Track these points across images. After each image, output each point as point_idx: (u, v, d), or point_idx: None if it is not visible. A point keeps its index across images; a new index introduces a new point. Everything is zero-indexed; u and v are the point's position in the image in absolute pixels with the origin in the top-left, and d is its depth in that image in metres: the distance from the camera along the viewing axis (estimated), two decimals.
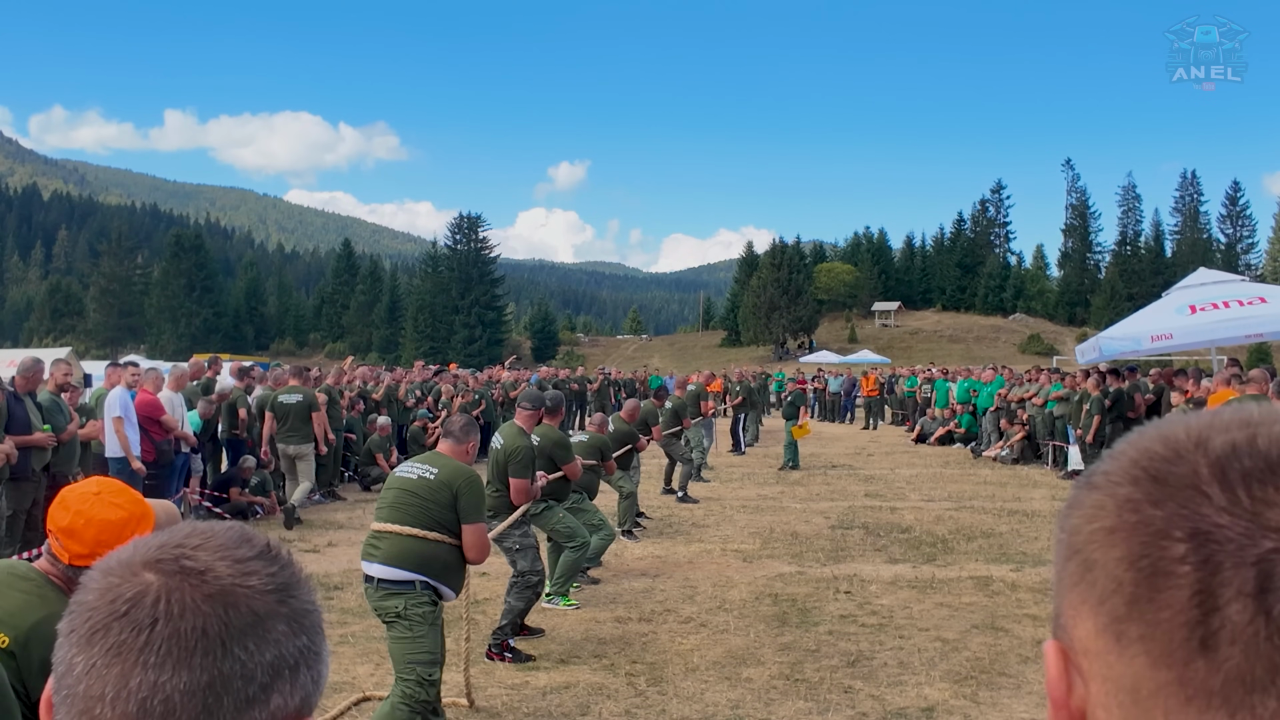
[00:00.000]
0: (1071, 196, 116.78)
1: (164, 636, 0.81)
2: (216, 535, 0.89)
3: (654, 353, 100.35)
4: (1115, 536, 0.62)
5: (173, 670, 0.81)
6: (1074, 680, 0.65)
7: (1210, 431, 0.62)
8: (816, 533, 12.55)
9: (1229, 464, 0.60)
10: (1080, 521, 0.65)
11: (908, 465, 21.15)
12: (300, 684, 0.87)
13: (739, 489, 16.94)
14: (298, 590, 0.89)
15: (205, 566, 0.85)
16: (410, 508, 5.54)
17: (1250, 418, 0.63)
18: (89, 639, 0.83)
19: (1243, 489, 0.59)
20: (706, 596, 9.25)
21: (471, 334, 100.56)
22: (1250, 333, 14.67)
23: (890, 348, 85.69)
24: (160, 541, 0.88)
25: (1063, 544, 0.67)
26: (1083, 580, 0.64)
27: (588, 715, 6.22)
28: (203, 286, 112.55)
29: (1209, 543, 0.58)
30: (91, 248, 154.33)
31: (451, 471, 5.69)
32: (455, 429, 6.02)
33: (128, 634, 0.81)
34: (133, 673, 0.80)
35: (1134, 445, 0.66)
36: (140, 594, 0.83)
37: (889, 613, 8.63)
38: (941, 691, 6.59)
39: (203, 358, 16.05)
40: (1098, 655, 0.63)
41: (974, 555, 11.15)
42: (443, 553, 5.51)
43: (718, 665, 7.19)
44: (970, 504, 15.15)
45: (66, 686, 0.83)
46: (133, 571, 0.85)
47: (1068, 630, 0.66)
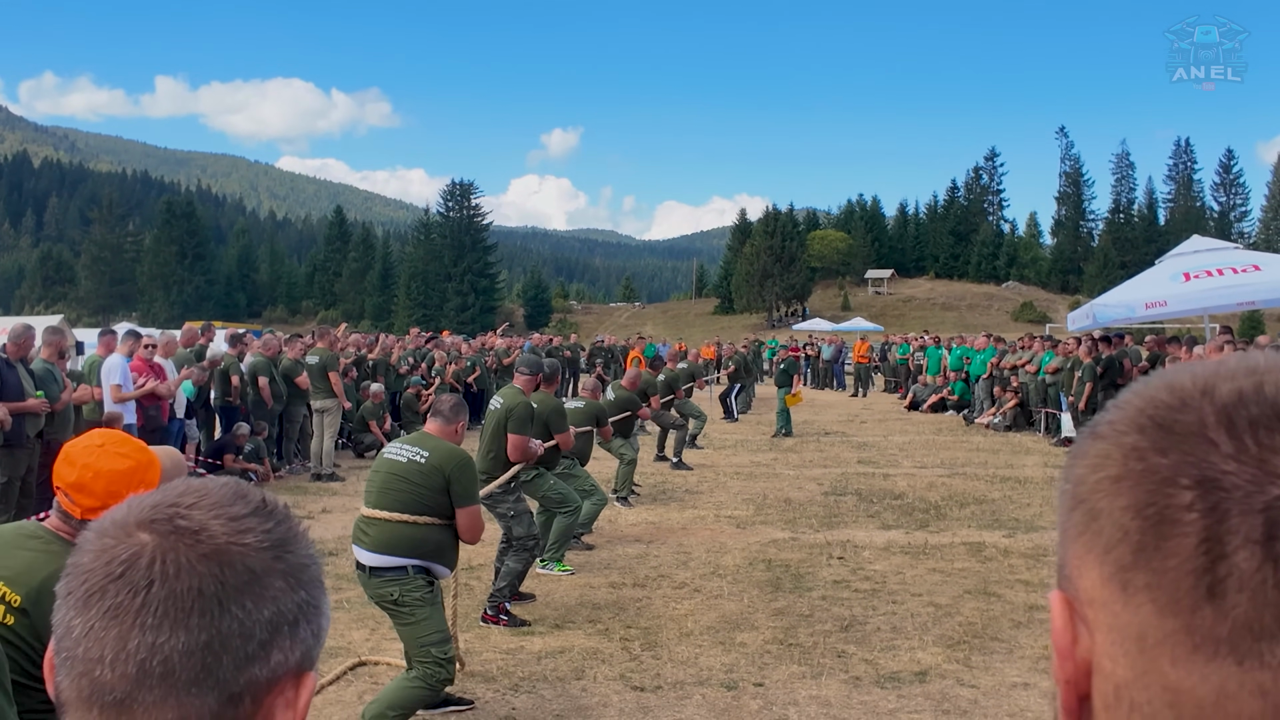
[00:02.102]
0: (1065, 164, 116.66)
1: (160, 598, 0.81)
2: (211, 493, 0.88)
3: (647, 320, 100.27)
4: (1121, 485, 0.61)
5: (170, 631, 0.80)
6: (1079, 631, 0.64)
7: (1217, 379, 0.62)
8: (810, 499, 12.59)
9: (1236, 411, 0.59)
10: (1085, 471, 0.65)
11: (900, 432, 21.20)
12: (300, 639, 0.87)
13: (732, 456, 16.98)
14: (294, 545, 0.89)
15: (200, 525, 0.84)
16: (399, 492, 5.43)
17: (1257, 365, 0.62)
18: (86, 601, 0.82)
19: (1250, 436, 0.58)
20: (700, 562, 9.29)
21: (464, 301, 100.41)
22: (1243, 300, 14.70)
23: (883, 315, 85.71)
24: (154, 501, 0.87)
25: (1067, 494, 0.67)
26: (1088, 530, 0.64)
27: (582, 679, 6.25)
28: (194, 254, 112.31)
29: (1216, 490, 0.57)
30: (83, 215, 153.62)
31: (443, 455, 5.56)
32: (445, 409, 5.90)
33: (124, 596, 0.81)
34: (131, 635, 0.80)
35: (1139, 394, 0.65)
36: (135, 555, 0.83)
37: (882, 578, 8.67)
38: (934, 656, 6.63)
39: (195, 325, 15.97)
40: (1103, 605, 0.62)
41: (966, 521, 11.20)
42: (434, 534, 5.42)
43: (712, 630, 7.23)
44: (963, 470, 15.21)
45: (66, 649, 0.83)
46: (127, 532, 0.84)
47: (1073, 581, 0.65)
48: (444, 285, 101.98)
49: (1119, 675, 0.61)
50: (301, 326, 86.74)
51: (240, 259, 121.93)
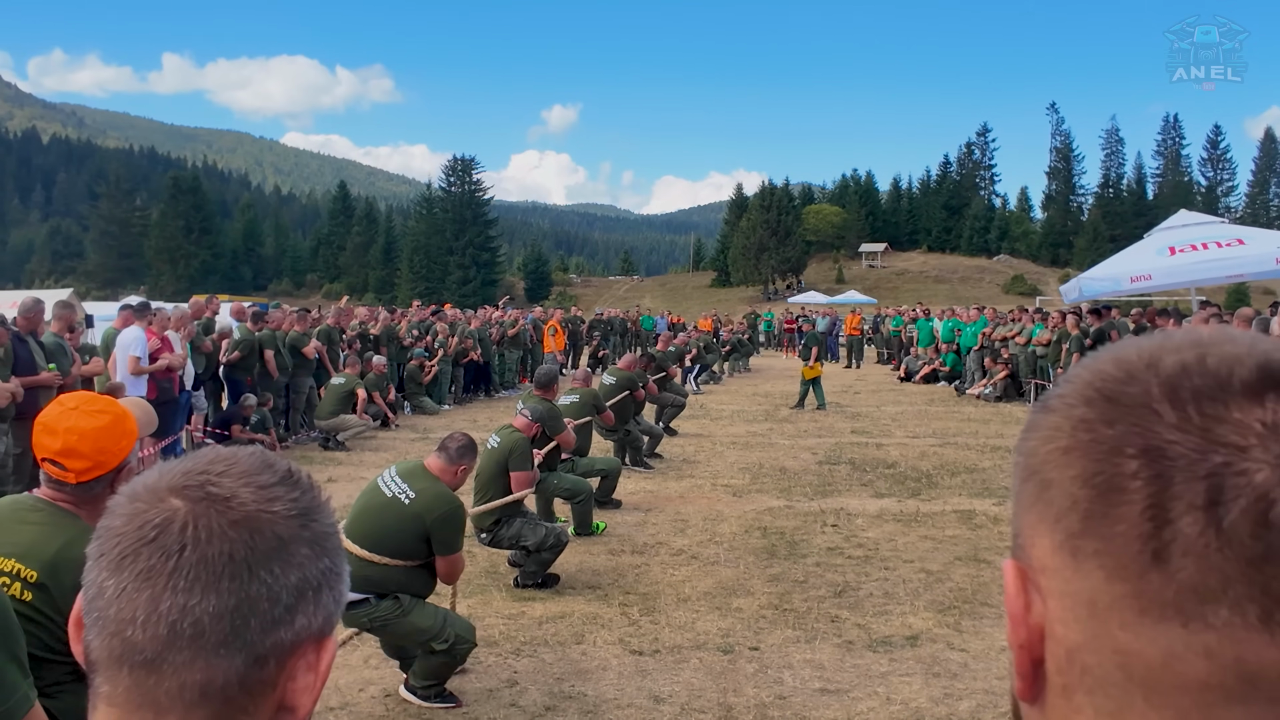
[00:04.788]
0: (1056, 140, 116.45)
1: (192, 562, 0.82)
2: (240, 461, 0.89)
3: (645, 293, 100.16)
4: (1071, 456, 0.62)
5: (201, 594, 0.82)
6: (1032, 597, 0.65)
7: (1162, 352, 0.63)
8: (804, 468, 12.62)
9: (1180, 383, 0.60)
10: (1037, 443, 0.66)
11: (893, 403, 21.20)
12: (323, 604, 0.88)
13: (729, 426, 17.00)
14: (319, 514, 0.90)
15: (230, 493, 0.86)
16: (373, 530, 5.12)
17: (1200, 339, 0.63)
18: (119, 563, 0.83)
19: (1193, 407, 0.59)
20: (697, 530, 9.31)
21: (466, 275, 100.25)
22: (1229, 274, 14.70)
23: (877, 288, 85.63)
24: (185, 468, 0.88)
25: (1020, 466, 0.67)
26: (1040, 499, 0.64)
27: (582, 644, 6.28)
28: (200, 228, 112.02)
29: (1161, 459, 0.58)
30: (90, 190, 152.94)
31: (429, 501, 5.19)
32: (452, 448, 5.46)
33: (157, 559, 0.82)
34: (163, 596, 0.81)
35: (1088, 368, 0.66)
36: (168, 520, 0.84)
37: (874, 545, 8.70)
38: (925, 621, 6.67)
39: (201, 298, 15.96)
40: (1055, 572, 0.63)
41: (957, 490, 11.23)
42: (400, 575, 5.11)
43: (708, 596, 7.25)
44: (954, 440, 15.23)
45: (97, 609, 0.84)
46: (159, 498, 0.85)
47: (1025, 549, 0.66)
48: (446, 259, 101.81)
49: (1071, 639, 0.62)
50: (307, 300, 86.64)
51: (246, 233, 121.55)
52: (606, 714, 5.22)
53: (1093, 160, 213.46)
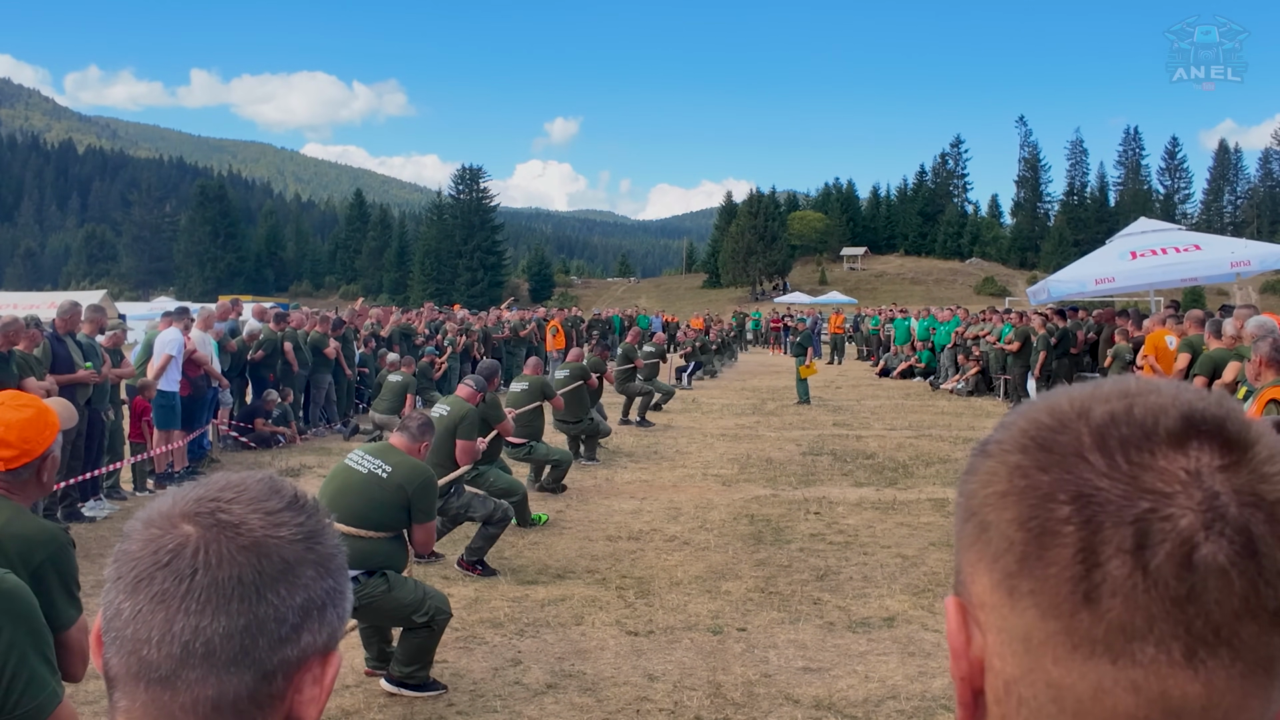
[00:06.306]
0: (1024, 150, 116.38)
1: (204, 585, 0.82)
2: (249, 488, 0.89)
3: (641, 294, 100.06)
4: (1007, 500, 0.62)
5: (212, 615, 0.82)
6: (973, 632, 0.65)
7: (1092, 402, 0.63)
8: (789, 459, 12.61)
9: (1108, 432, 0.60)
10: (976, 486, 0.66)
11: (872, 397, 21.20)
12: (327, 621, 0.88)
13: (719, 419, 17.00)
14: (323, 537, 0.90)
15: (239, 519, 0.86)
16: (354, 505, 5.05)
17: (1128, 389, 0.63)
18: (134, 586, 0.84)
19: (1121, 455, 0.59)
20: (689, 517, 9.31)
21: (474, 277, 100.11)
22: (1185, 277, 14.71)
23: (857, 289, 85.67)
24: (198, 495, 0.88)
25: (961, 507, 0.68)
26: (979, 540, 0.64)
27: (582, 624, 6.28)
28: (226, 233, 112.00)
29: (1091, 504, 0.58)
30: (123, 198, 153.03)
31: (406, 473, 5.21)
32: (413, 426, 5.53)
33: (170, 582, 0.83)
34: (176, 618, 0.82)
35: (1024, 416, 0.66)
36: (181, 545, 0.84)
37: (854, 531, 8.69)
38: (901, 603, 6.67)
39: (226, 299, 15.94)
40: (993, 608, 0.63)
41: (932, 479, 11.23)
42: (384, 546, 5.08)
43: (699, 579, 7.25)
44: (929, 432, 15.23)
45: (115, 629, 0.84)
46: (172, 524, 0.85)
47: (966, 586, 0.66)
48: (455, 262, 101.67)
49: (1008, 672, 0.62)
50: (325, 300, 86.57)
51: (268, 238, 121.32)
52: (604, 691, 5.22)
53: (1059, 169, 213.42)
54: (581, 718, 4.90)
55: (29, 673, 1.74)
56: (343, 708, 5.04)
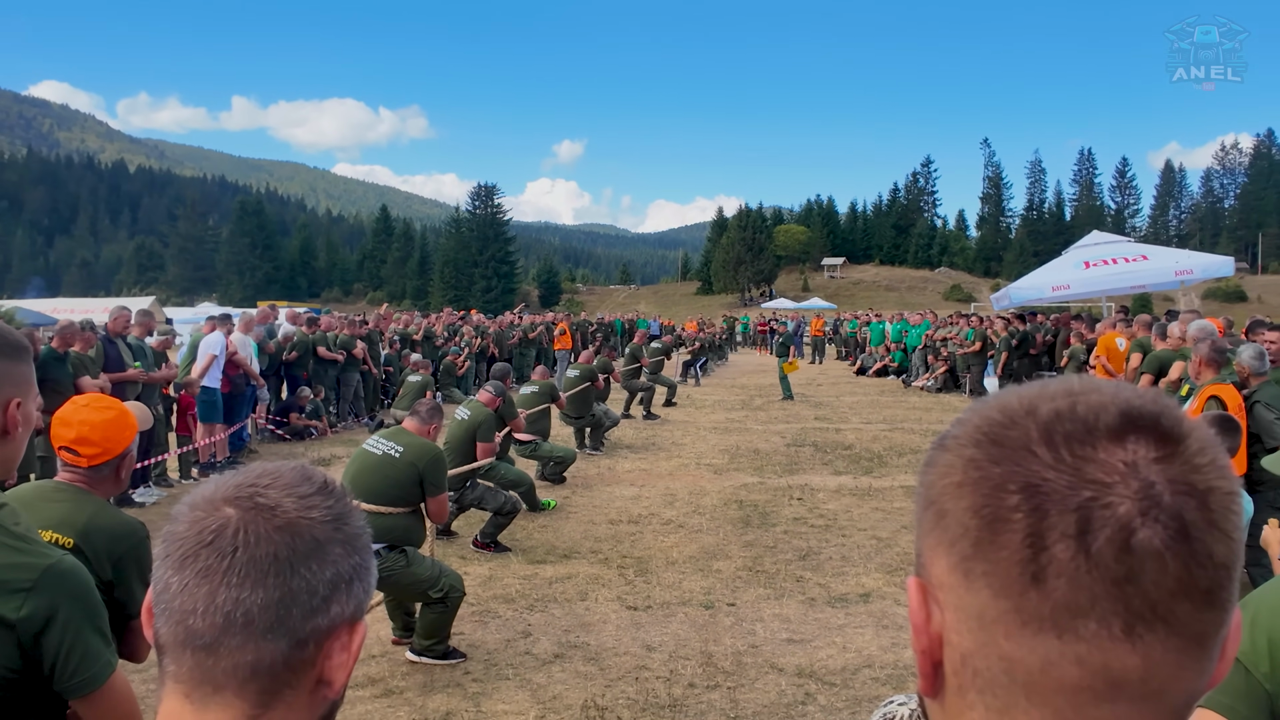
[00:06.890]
0: (988, 169, 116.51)
1: (243, 561, 0.83)
2: (283, 475, 0.90)
3: (641, 300, 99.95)
4: (962, 490, 0.63)
5: (251, 588, 0.83)
6: (932, 609, 0.65)
7: (1039, 400, 0.63)
8: (774, 450, 12.60)
9: (1054, 427, 0.61)
10: (935, 478, 0.66)
11: (850, 394, 21.17)
12: (354, 594, 0.89)
13: (711, 414, 16.98)
14: (350, 518, 0.90)
15: (275, 503, 0.87)
16: (372, 484, 5.11)
17: (1072, 388, 0.63)
18: (181, 563, 0.85)
19: (1065, 448, 0.59)
20: (684, 503, 9.30)
21: (489, 284, 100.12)
22: (1134, 284, 14.73)
23: (836, 295, 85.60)
24: (238, 481, 0.89)
25: (921, 496, 0.68)
26: (937, 526, 0.65)
27: (586, 600, 6.28)
28: (264, 245, 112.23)
29: (1038, 494, 0.59)
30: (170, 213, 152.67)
31: (417, 451, 5.24)
32: (423, 411, 5.57)
33: (214, 559, 0.84)
34: (219, 591, 0.83)
35: (978, 413, 0.66)
36: (223, 526, 0.85)
37: (834, 516, 8.69)
38: (876, 580, 6.67)
39: (264, 305, 15.92)
40: (950, 589, 0.63)
41: (904, 468, 11.22)
42: (402, 520, 5.09)
43: (693, 559, 7.25)
44: (901, 425, 15.22)
45: (164, 602, 0.85)
46: (215, 507, 0.86)
47: (926, 568, 0.67)
48: (472, 271, 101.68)
49: (964, 646, 0.63)
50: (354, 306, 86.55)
51: (302, 249, 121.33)
52: (606, 660, 5.22)
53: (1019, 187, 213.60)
54: (586, 685, 4.90)
55: (85, 646, 1.75)
56: (369, 675, 5.04)
